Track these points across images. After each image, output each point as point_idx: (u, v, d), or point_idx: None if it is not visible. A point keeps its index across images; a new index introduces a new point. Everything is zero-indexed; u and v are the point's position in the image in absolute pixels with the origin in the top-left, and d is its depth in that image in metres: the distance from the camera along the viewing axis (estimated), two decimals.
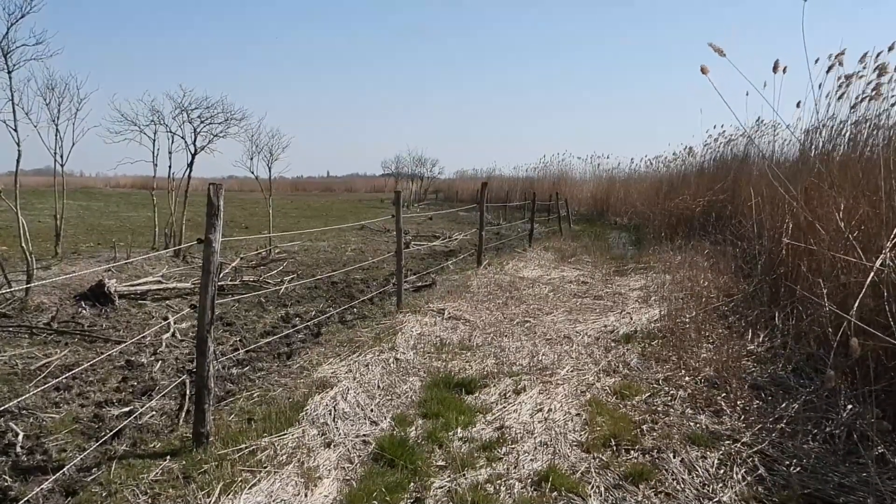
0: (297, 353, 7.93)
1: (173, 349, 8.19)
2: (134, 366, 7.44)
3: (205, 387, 5.04)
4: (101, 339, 8.50)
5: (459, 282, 12.53)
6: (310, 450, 4.93)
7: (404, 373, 6.92)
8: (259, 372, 7.24)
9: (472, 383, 6.52)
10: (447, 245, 20.85)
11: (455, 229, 26.02)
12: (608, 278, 13.32)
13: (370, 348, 7.66)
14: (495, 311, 9.90)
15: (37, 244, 11.25)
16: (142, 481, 4.47)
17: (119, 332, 8.93)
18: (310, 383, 6.46)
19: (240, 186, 61.93)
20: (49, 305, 9.86)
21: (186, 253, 15.02)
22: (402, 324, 8.81)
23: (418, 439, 5.22)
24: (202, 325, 5.02)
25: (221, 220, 5.03)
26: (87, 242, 18.46)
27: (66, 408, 6.12)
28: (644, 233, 21.15)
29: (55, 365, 7.35)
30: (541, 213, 26.60)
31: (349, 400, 5.95)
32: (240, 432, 5.24)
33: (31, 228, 11.19)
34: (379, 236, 23.34)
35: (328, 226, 24.16)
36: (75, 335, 8.61)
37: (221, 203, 5.01)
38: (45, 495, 4.39)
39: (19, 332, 8.61)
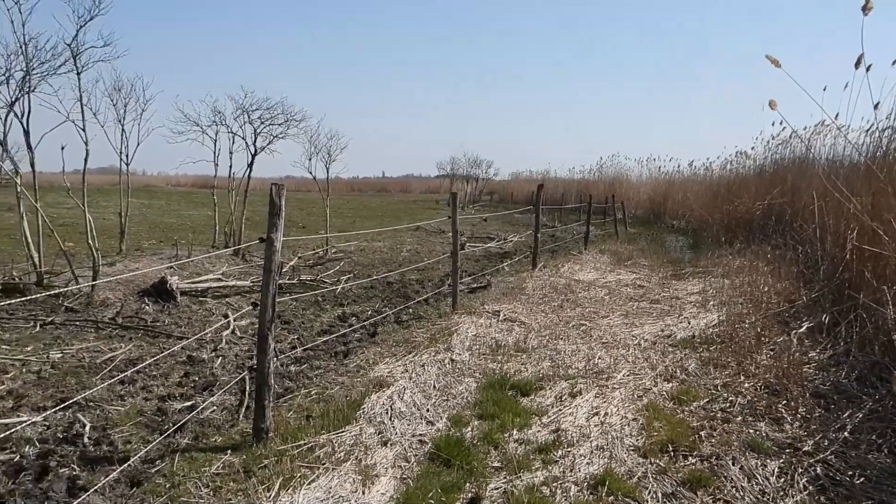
0: (354, 352, 8.02)
1: (233, 346, 8.35)
2: (195, 361, 7.61)
3: (265, 383, 5.13)
4: (163, 335, 8.70)
5: (515, 284, 12.51)
6: (367, 448, 4.99)
7: (460, 374, 6.95)
8: (316, 370, 7.33)
9: (528, 385, 6.52)
10: (502, 247, 20.84)
11: (510, 231, 26.00)
12: (665, 282, 13.18)
13: (426, 349, 7.70)
14: (551, 314, 9.88)
15: (102, 241, 11.55)
16: (204, 474, 4.57)
17: (181, 329, 9.13)
18: (366, 382, 6.52)
19: (297, 186, 62.66)
20: (114, 301, 10.13)
21: (245, 251, 15.27)
22: (457, 325, 8.84)
23: (474, 440, 5.24)
24: (263, 323, 5.11)
25: (283, 220, 5.12)
26: (150, 240, 18.88)
27: (130, 401, 6.28)
28: (702, 236, 20.85)
29: (120, 359, 7.55)
30: (596, 216, 26.41)
31: (405, 399, 6.00)
32: (298, 429, 5.32)
33: (96, 226, 11.48)
34: (434, 237, 23.43)
35: (383, 226, 24.34)
36: (139, 330, 8.83)
37: (283, 203, 5.10)
38: (112, 485, 4.51)
39: (86, 327, 8.86)
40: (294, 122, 17.44)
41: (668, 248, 19.96)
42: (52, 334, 8.45)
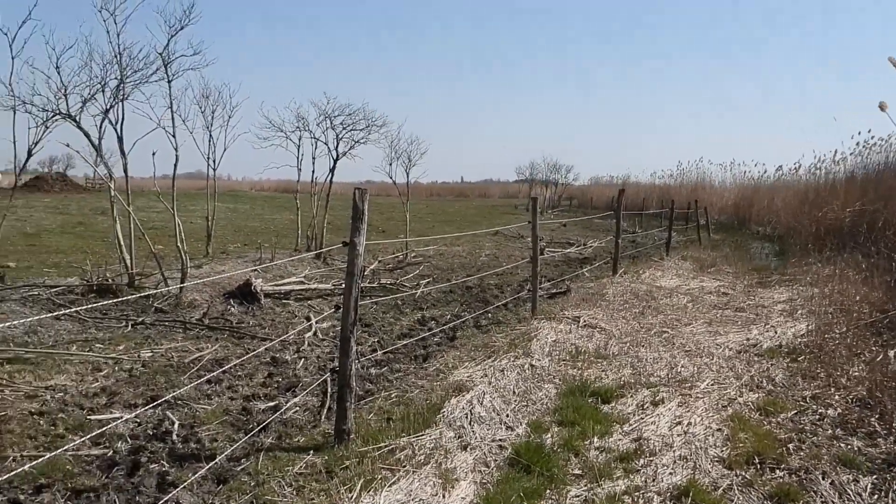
0: (433, 355, 8.06)
1: (315, 348, 8.49)
2: (279, 362, 7.76)
3: (347, 385, 5.20)
4: (248, 336, 8.91)
5: (595, 290, 12.39)
6: (447, 451, 5.00)
7: (539, 379, 6.91)
8: (396, 373, 7.40)
9: (609, 393, 6.45)
10: (581, 252, 20.67)
11: (589, 236, 25.77)
12: (750, 290, 12.87)
13: (505, 353, 7.68)
14: (632, 321, 9.74)
15: (189, 244, 11.88)
16: (287, 473, 4.65)
17: (265, 330, 9.33)
18: (446, 386, 6.54)
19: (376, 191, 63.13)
20: (201, 302, 10.41)
21: (327, 255, 15.50)
22: (536, 330, 8.80)
23: (554, 446, 5.20)
24: (345, 326, 5.18)
25: (365, 225, 5.18)
26: (235, 243, 19.35)
27: (216, 400, 6.45)
28: (788, 243, 20.27)
29: (207, 359, 7.76)
30: (678, 221, 25.95)
31: (485, 404, 5.99)
32: (379, 431, 5.37)
33: (184, 229, 11.82)
34: (513, 242, 23.37)
35: (462, 231, 24.41)
36: (225, 331, 9.06)
37: (366, 208, 5.16)
38: (199, 482, 4.64)
39: (174, 327, 9.14)
40: (375, 128, 17.68)
41: (752, 255, 19.49)
42: (143, 334, 8.73)
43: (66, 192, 43.19)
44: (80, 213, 27.37)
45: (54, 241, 18.40)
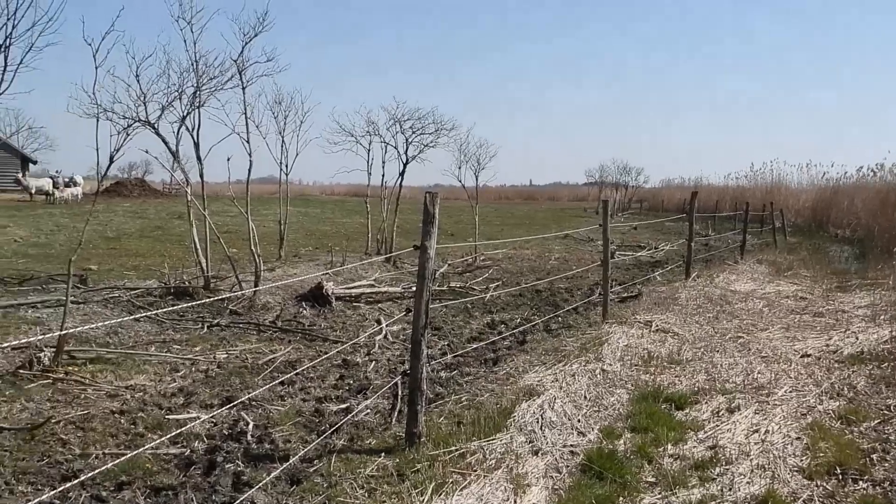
0: (503, 359, 8.04)
1: (385, 350, 8.55)
2: (350, 365, 7.84)
3: (418, 388, 5.22)
4: (319, 338, 9.02)
5: (667, 294, 12.19)
6: (518, 456, 4.98)
7: (611, 384, 6.83)
8: (466, 376, 7.40)
9: (682, 399, 6.33)
10: (653, 256, 20.38)
11: (661, 239, 25.39)
12: (829, 294, 12.50)
13: (576, 358, 7.61)
14: (705, 325, 9.55)
15: (262, 247, 12.11)
16: (359, 475, 4.69)
17: (336, 332, 9.44)
18: (516, 390, 6.51)
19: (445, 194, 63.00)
20: (274, 305, 10.59)
21: (396, 259, 15.60)
22: (607, 335, 8.70)
23: (627, 453, 5.13)
24: (416, 329, 5.20)
25: (436, 228, 5.19)
26: (306, 246, 19.62)
27: (290, 401, 6.54)
28: (869, 246, 19.63)
29: (280, 361, 7.89)
30: (752, 224, 25.36)
31: (556, 409, 5.94)
32: (450, 435, 5.37)
33: (257, 233, 12.04)
34: (582, 245, 23.18)
35: (531, 234, 24.31)
36: (297, 333, 9.20)
37: (437, 212, 5.17)
38: (273, 482, 4.70)
39: (248, 329, 9.31)
40: (444, 131, 17.73)
41: (831, 259, 18.97)
42: (218, 335, 8.92)
43: (145, 196, 44.41)
44: (157, 217, 28.12)
45: (133, 244, 18.94)
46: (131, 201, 39.38)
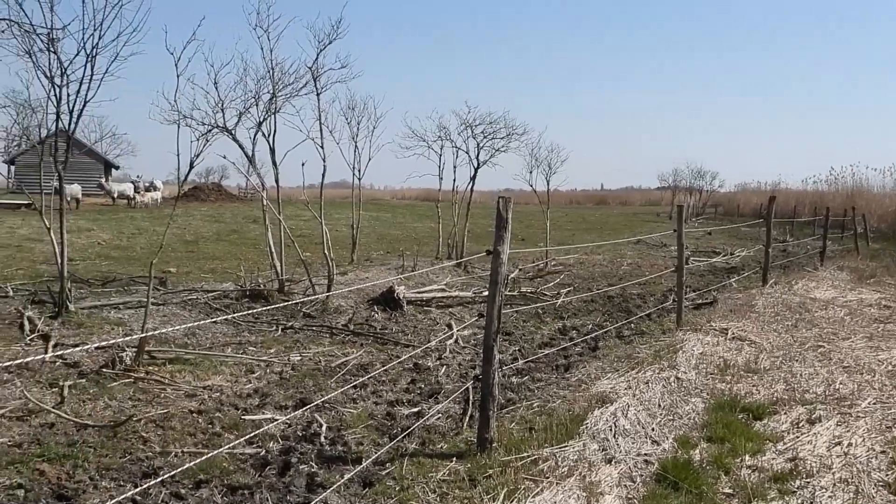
0: (575, 366, 7.97)
1: (456, 355, 8.56)
2: (421, 369, 7.87)
3: (489, 394, 5.21)
4: (391, 342, 9.09)
5: (743, 300, 11.92)
6: (591, 464, 4.92)
7: (685, 393, 6.71)
8: (538, 382, 7.36)
9: (760, 409, 6.18)
10: (728, 261, 19.94)
11: (736, 245, 24.82)
12: None
13: (649, 365, 7.50)
14: (784, 334, 9.30)
15: (335, 251, 12.27)
16: (430, 480, 4.70)
17: (407, 336, 9.49)
18: (588, 397, 6.45)
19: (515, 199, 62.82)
20: (346, 308, 10.71)
21: (467, 263, 15.62)
22: (682, 342, 8.55)
23: (703, 463, 5.03)
24: (489, 334, 5.20)
25: (509, 233, 5.18)
26: (378, 250, 19.81)
27: (362, 404, 6.60)
28: None
29: (352, 364, 7.97)
30: (833, 230, 24.61)
31: (629, 417, 5.86)
32: (521, 441, 5.34)
33: (329, 237, 12.20)
34: (655, 251, 22.82)
35: (603, 239, 24.08)
36: (369, 337, 9.28)
37: (510, 216, 5.16)
38: (346, 484, 4.75)
39: (321, 332, 9.43)
40: (516, 136, 17.70)
41: None
42: (292, 338, 9.06)
43: (221, 201, 45.39)
44: (233, 221, 28.73)
45: (210, 248, 19.41)
46: (208, 205, 40.34)
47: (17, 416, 5.86)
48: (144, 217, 29.10)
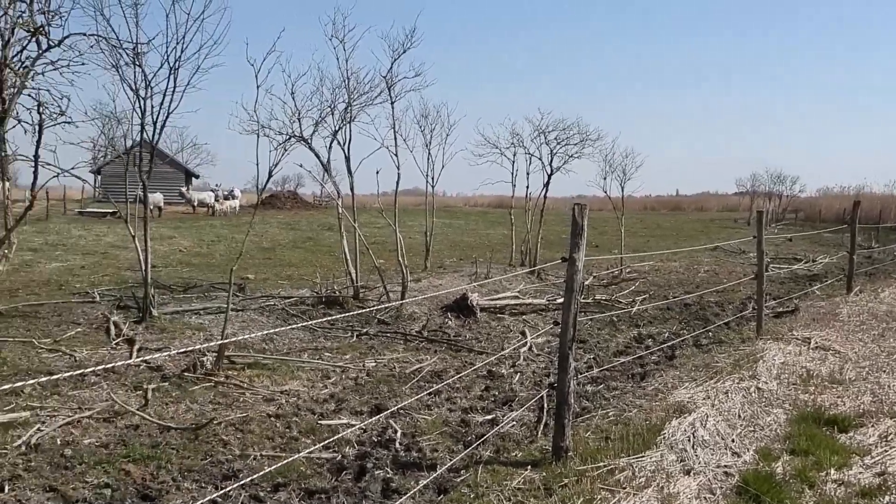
0: (651, 374, 7.86)
1: (530, 362, 8.52)
2: (495, 376, 7.86)
3: (565, 402, 5.17)
4: (465, 349, 9.10)
5: (826, 309, 11.57)
6: (668, 475, 4.84)
7: (767, 403, 6.54)
8: (613, 391, 7.27)
9: (846, 421, 5.98)
10: (810, 269, 19.39)
11: (818, 252, 24.12)
12: None
13: (728, 375, 7.33)
14: (870, 343, 8.99)
15: (408, 258, 12.35)
16: (505, 488, 4.68)
17: (481, 344, 9.49)
18: (666, 407, 6.34)
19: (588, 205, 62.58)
20: (420, 315, 10.77)
21: (541, 270, 15.55)
22: (762, 351, 8.34)
23: (785, 476, 4.89)
24: (564, 342, 5.16)
25: (585, 240, 5.14)
26: (451, 257, 19.87)
27: (436, 411, 6.62)
28: None
29: (426, 370, 8.00)
30: None
31: (708, 427, 5.74)
32: (597, 450, 5.29)
33: (403, 244, 12.29)
34: (733, 258, 22.32)
35: (678, 246, 23.66)
36: (442, 344, 9.31)
37: (585, 223, 5.12)
38: (421, 490, 4.77)
39: (395, 338, 9.51)
40: (589, 142, 17.58)
41: None
42: (367, 344, 9.16)
43: (297, 209, 46.17)
44: (309, 228, 29.20)
45: (287, 254, 19.75)
46: (284, 213, 41.09)
47: (103, 418, 6.06)
48: (223, 225, 29.80)
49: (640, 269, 18.20)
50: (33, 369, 7.38)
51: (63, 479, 4.84)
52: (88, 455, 5.24)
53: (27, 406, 6.19)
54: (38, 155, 6.72)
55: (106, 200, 34.25)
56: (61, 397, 6.52)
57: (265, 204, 45.47)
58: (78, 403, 6.39)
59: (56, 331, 8.97)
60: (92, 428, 5.84)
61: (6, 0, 6.38)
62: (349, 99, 11.59)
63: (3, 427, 5.67)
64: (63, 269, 14.94)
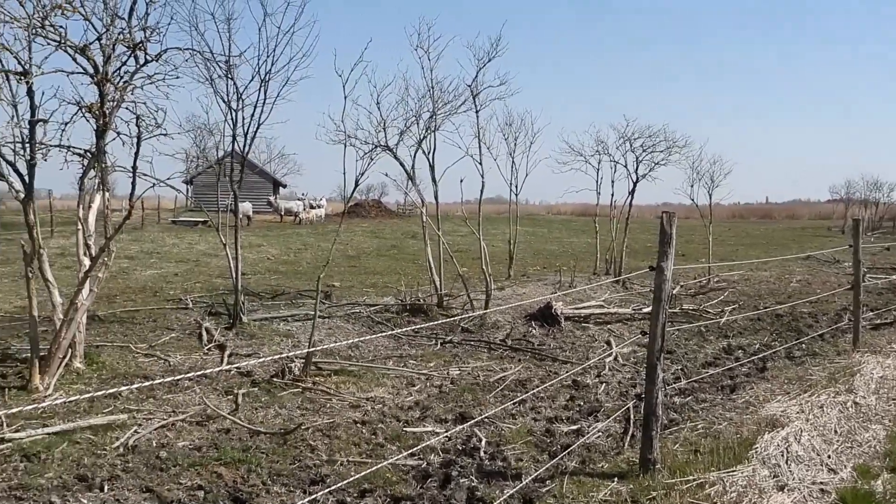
0: (741, 386, 7.67)
1: (615, 373, 8.41)
2: (580, 386, 7.79)
3: (653, 413, 5.09)
4: (549, 358, 9.05)
5: None
6: (761, 491, 4.70)
7: (865, 419, 6.30)
8: (702, 403, 7.12)
9: None
10: None
11: None
12: None
13: (823, 389, 7.09)
14: None
15: (491, 266, 12.35)
16: (592, 500, 4.63)
17: (565, 353, 9.42)
18: (757, 420, 6.17)
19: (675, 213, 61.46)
20: (503, 323, 10.75)
21: (626, 279, 15.34)
22: (859, 364, 8.05)
23: (886, 495, 4.70)
24: (652, 353, 5.08)
25: (673, 249, 5.05)
26: (534, 266, 19.79)
27: (520, 420, 6.60)
28: None
29: (510, 379, 7.98)
30: None
31: (802, 442, 5.56)
32: (686, 463, 5.18)
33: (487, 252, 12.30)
34: (827, 268, 21.58)
35: (769, 255, 23.05)
36: (526, 352, 9.28)
37: (674, 232, 5.04)
38: (507, 500, 4.75)
39: (479, 347, 9.52)
40: (676, 148, 17.26)
41: None
42: (451, 352, 9.19)
43: (381, 217, 46.73)
44: (393, 236, 29.49)
45: (371, 262, 19.99)
46: (369, 221, 41.62)
47: (196, 421, 6.24)
48: (309, 233, 30.35)
49: (729, 278, 17.77)
50: (130, 373, 7.65)
51: (159, 481, 4.99)
52: (182, 457, 5.40)
53: (125, 408, 6.41)
54: (135, 166, 6.97)
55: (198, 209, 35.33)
56: (156, 400, 6.74)
57: (350, 213, 46.11)
58: (172, 407, 6.59)
59: (151, 336, 9.28)
60: (185, 431, 6.02)
61: (108, 17, 6.65)
62: (434, 108, 11.68)
63: (102, 428, 5.89)
64: (157, 277, 15.46)
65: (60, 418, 6.06)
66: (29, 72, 6.54)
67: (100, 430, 5.86)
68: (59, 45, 6.58)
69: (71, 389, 6.93)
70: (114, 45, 6.70)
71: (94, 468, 5.12)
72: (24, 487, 4.75)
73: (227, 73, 9.48)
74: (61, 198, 38.43)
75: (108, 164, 7.21)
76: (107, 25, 6.67)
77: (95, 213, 7.78)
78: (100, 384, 7.20)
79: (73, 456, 5.33)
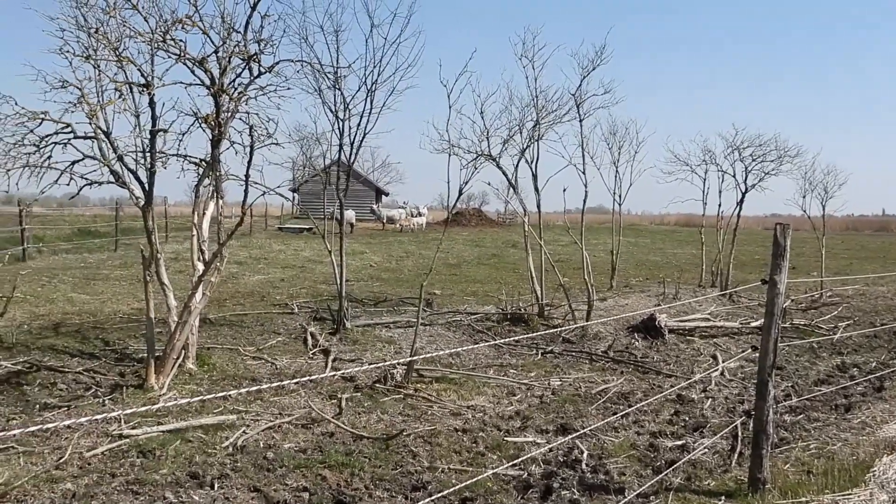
0: (857, 406, 7.34)
1: (722, 388, 8.18)
2: (684, 401, 7.60)
3: (762, 431, 4.93)
4: (652, 371, 8.87)
5: None
6: None
7: None
8: (814, 422, 6.85)
9: None
10: None
11: None
12: None
13: None
14: None
15: (593, 276, 12.21)
16: None
17: (669, 366, 9.22)
18: (875, 442, 5.91)
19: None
20: (605, 335, 10.61)
21: (733, 292, 14.92)
22: None
23: None
24: (763, 368, 4.93)
25: (787, 262, 4.89)
26: (637, 277, 19.48)
27: (623, 433, 6.48)
28: None
29: (612, 391, 7.86)
30: None
31: None
32: (798, 484, 5.00)
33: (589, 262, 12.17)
34: None
35: (886, 269, 22.00)
36: (629, 365, 9.12)
37: (788, 244, 4.88)
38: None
39: (580, 358, 9.41)
40: (787, 158, 16.69)
41: None
42: (552, 362, 9.12)
43: (481, 226, 46.87)
44: (493, 245, 29.53)
45: (472, 271, 20.05)
46: (469, 230, 41.80)
47: (302, 424, 6.38)
48: (411, 241, 30.71)
49: (843, 293, 17.05)
50: (239, 375, 7.90)
51: (266, 481, 5.13)
52: (288, 459, 5.52)
53: (234, 409, 6.62)
54: (248, 174, 7.20)
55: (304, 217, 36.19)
56: (264, 402, 6.93)
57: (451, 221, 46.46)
58: (279, 409, 6.77)
59: (259, 339, 9.55)
60: (291, 433, 6.16)
61: (225, 31, 6.90)
62: (537, 117, 11.65)
63: (213, 428, 6.09)
64: (265, 282, 15.92)
65: (174, 417, 6.30)
66: (151, 83, 6.85)
67: (210, 429, 6.06)
68: (178, 58, 6.87)
69: (184, 389, 7.21)
70: (230, 58, 6.95)
71: (204, 466, 5.30)
72: (140, 482, 4.96)
73: (334, 83, 9.71)
74: (174, 204, 40.14)
75: (221, 172, 7.47)
76: (223, 39, 6.93)
77: (209, 220, 8.09)
78: (210, 385, 7.46)
79: (185, 454, 5.53)
